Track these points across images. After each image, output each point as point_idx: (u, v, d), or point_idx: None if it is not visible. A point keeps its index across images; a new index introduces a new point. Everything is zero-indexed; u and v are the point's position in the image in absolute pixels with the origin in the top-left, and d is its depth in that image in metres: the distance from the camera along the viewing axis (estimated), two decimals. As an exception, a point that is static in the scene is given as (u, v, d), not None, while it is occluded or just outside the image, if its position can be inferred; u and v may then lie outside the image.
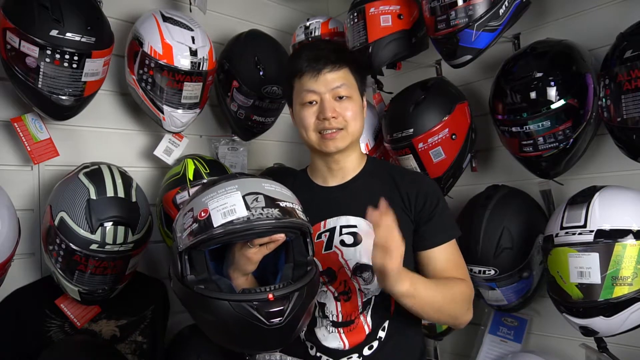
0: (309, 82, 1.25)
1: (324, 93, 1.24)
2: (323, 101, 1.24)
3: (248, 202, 0.97)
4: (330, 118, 1.23)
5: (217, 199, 0.98)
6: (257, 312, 0.94)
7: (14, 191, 1.48)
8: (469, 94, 1.86)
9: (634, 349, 1.50)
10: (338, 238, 1.25)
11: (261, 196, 0.98)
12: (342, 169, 1.32)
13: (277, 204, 0.99)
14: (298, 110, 1.29)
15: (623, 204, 1.32)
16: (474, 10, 1.50)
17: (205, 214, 0.96)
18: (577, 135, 1.47)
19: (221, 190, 0.99)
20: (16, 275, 1.50)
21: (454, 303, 1.20)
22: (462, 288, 1.22)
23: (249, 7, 2.19)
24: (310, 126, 1.27)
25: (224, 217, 0.95)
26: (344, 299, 1.24)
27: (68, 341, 1.44)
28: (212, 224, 0.95)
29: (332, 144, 1.26)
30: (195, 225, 0.97)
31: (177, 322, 1.74)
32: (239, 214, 0.95)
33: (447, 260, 1.26)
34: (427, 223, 1.26)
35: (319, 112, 1.25)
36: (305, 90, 1.26)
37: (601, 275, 1.27)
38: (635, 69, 1.28)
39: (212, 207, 0.97)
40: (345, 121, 1.25)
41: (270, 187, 1.03)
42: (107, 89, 1.72)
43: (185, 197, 1.61)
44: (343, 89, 1.25)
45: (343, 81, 1.25)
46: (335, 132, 1.25)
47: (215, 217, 0.95)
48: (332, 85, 1.24)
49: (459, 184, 1.83)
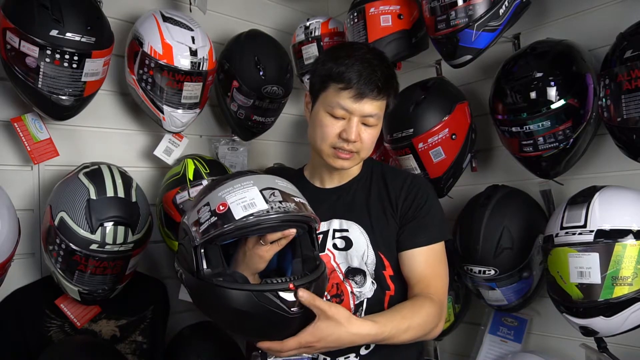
0: (348, 100, 1.18)
1: (355, 115, 1.19)
2: (351, 122, 1.19)
3: (266, 196, 0.99)
4: (352, 142, 1.20)
5: (234, 193, 0.99)
6: (280, 301, 0.95)
7: (14, 191, 1.48)
8: (469, 94, 1.86)
9: (634, 349, 1.50)
10: (331, 241, 1.26)
11: (277, 191, 1.01)
12: (340, 174, 1.32)
13: (292, 199, 1.02)
14: (322, 116, 1.22)
15: (623, 204, 1.32)
16: (474, 10, 1.50)
17: (225, 208, 0.98)
18: (577, 135, 1.47)
19: (237, 185, 1.01)
20: (16, 275, 1.50)
21: (420, 336, 1.17)
22: (430, 317, 1.17)
23: (249, 7, 2.18)
24: (328, 139, 1.21)
25: (244, 209, 0.97)
26: (337, 301, 1.23)
27: (68, 341, 1.44)
28: (233, 216, 0.96)
29: (341, 163, 1.24)
30: (215, 218, 0.98)
31: (177, 322, 1.74)
32: (259, 207, 0.97)
33: (426, 265, 1.23)
34: (409, 223, 1.25)
35: (342, 130, 1.20)
36: (338, 104, 1.19)
37: (601, 275, 1.27)
38: (635, 69, 1.28)
39: (230, 200, 0.98)
40: (362, 147, 1.23)
41: (282, 183, 1.06)
42: (107, 89, 1.72)
43: (185, 197, 1.61)
44: (374, 119, 1.21)
45: (378, 111, 1.21)
46: (350, 154, 1.23)
47: (235, 210, 0.97)
48: (366, 113, 1.19)
49: (459, 184, 1.83)
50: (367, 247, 1.24)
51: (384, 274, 1.23)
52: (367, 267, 1.23)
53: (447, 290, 1.27)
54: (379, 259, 1.23)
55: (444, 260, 1.27)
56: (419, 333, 1.16)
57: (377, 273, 1.23)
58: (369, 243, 1.24)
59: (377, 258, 1.23)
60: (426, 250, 1.23)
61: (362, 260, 1.23)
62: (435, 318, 1.19)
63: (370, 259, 1.23)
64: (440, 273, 1.26)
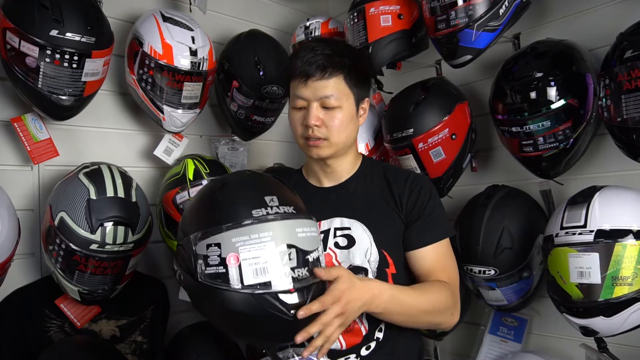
0: (298, 87, 1.23)
1: (312, 100, 1.21)
2: (309, 108, 1.22)
3: (281, 261, 0.95)
4: (312, 126, 1.21)
5: (249, 248, 0.94)
6: (280, 304, 0.94)
7: (14, 191, 1.48)
8: (469, 94, 1.86)
9: (634, 349, 1.50)
10: (332, 240, 1.25)
11: (294, 251, 0.97)
12: (335, 172, 1.32)
13: (307, 260, 0.99)
14: (290, 113, 1.28)
15: (623, 204, 1.32)
16: (474, 10, 1.50)
17: (236, 263, 0.94)
18: (577, 135, 1.47)
19: (254, 235, 0.95)
20: (16, 275, 1.50)
21: (434, 312, 1.17)
22: (443, 296, 1.18)
23: (249, 7, 2.19)
24: (297, 131, 1.26)
25: (255, 275, 0.94)
26: None
27: (68, 341, 1.44)
28: (242, 278, 0.93)
29: (315, 151, 1.25)
30: (223, 269, 0.94)
31: (177, 322, 1.74)
32: (270, 276, 0.94)
33: (434, 261, 1.23)
34: (415, 222, 1.25)
35: (304, 118, 1.23)
36: (294, 95, 1.25)
37: (601, 275, 1.27)
38: (635, 69, 1.28)
39: (243, 256, 0.94)
40: (329, 131, 1.23)
41: (302, 232, 1.00)
42: (107, 89, 1.72)
43: (185, 197, 1.61)
44: (332, 100, 1.21)
45: (333, 91, 1.21)
46: (318, 140, 1.23)
47: (246, 272, 0.93)
48: (320, 94, 1.21)
49: (459, 184, 1.83)
50: (370, 245, 1.23)
51: (386, 272, 1.23)
52: (370, 265, 1.23)
53: (458, 283, 1.26)
54: (383, 257, 1.23)
55: (451, 256, 1.28)
56: (437, 306, 1.16)
57: (380, 271, 1.23)
58: (372, 241, 1.23)
59: (380, 256, 1.23)
60: (433, 248, 1.24)
61: (364, 257, 1.23)
62: (450, 300, 1.19)
63: (373, 256, 1.23)
64: (449, 267, 1.26)
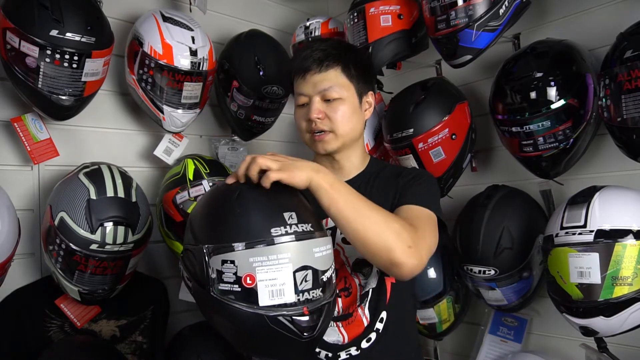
0: (299, 84, 1.26)
1: (313, 95, 1.24)
2: (311, 103, 1.24)
3: (297, 282, 0.93)
4: (315, 119, 1.23)
5: (266, 269, 0.92)
6: (293, 326, 0.93)
7: (14, 191, 1.48)
8: (469, 94, 1.86)
9: (634, 349, 1.50)
10: (340, 236, 1.26)
11: (310, 272, 0.95)
12: (342, 168, 1.32)
13: (321, 280, 0.97)
14: (294, 112, 1.30)
15: (623, 204, 1.32)
16: (474, 10, 1.50)
17: (252, 283, 0.91)
18: (577, 135, 1.47)
19: (273, 256, 0.92)
20: (16, 275, 1.50)
21: (387, 228, 1.02)
22: (402, 222, 1.06)
23: (249, 7, 2.19)
24: (302, 127, 1.27)
25: (271, 297, 0.92)
26: (345, 295, 1.24)
27: (68, 341, 1.44)
28: (257, 299, 0.91)
29: (321, 145, 1.26)
30: (238, 288, 0.92)
31: (177, 322, 1.74)
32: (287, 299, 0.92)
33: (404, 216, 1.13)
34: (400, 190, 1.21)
35: (307, 113, 1.25)
36: (296, 92, 1.27)
37: (601, 275, 1.27)
38: (635, 69, 1.28)
39: (260, 277, 0.91)
40: (333, 123, 1.24)
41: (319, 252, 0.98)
42: (107, 89, 1.72)
43: (185, 197, 1.61)
44: (332, 92, 1.23)
45: (331, 83, 1.23)
46: (324, 134, 1.24)
47: (262, 293, 0.91)
48: (319, 88, 1.23)
49: (459, 184, 1.83)
50: None
51: None
52: None
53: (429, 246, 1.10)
54: None
55: (430, 224, 1.15)
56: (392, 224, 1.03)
57: None
58: None
59: None
60: (409, 207, 1.17)
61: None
62: (411, 231, 1.05)
63: None
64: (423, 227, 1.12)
